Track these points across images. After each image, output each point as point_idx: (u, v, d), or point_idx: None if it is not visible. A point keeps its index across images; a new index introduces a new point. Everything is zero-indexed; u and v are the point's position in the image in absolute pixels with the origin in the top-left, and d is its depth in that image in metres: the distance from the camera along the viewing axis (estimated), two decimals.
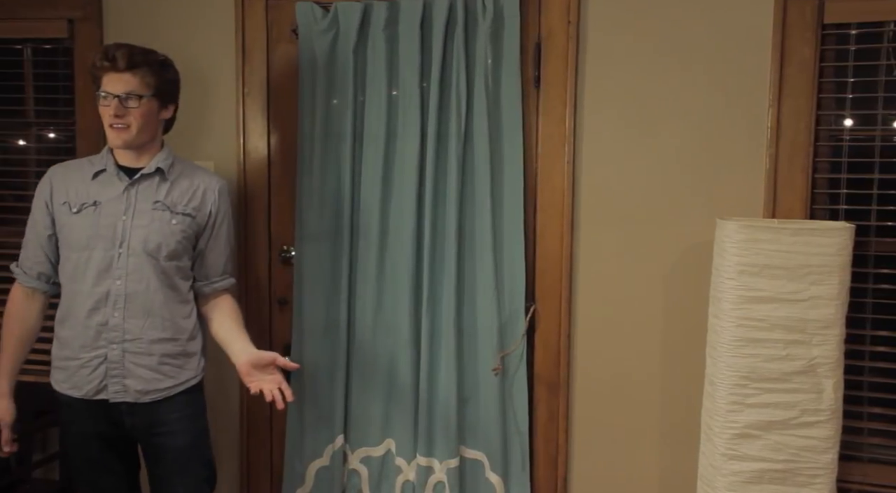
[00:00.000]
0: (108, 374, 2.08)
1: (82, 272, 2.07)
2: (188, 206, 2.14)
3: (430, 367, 2.49)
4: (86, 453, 2.15)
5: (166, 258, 2.09)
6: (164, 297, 2.10)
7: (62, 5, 2.75)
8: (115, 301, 2.06)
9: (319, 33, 2.50)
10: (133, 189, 2.10)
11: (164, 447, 2.15)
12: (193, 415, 2.20)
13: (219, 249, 2.21)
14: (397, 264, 2.51)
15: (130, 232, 2.06)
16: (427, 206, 2.46)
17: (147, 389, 2.10)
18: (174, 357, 2.13)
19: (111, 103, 2.03)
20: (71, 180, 2.12)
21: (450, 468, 2.48)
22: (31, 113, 2.94)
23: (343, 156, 2.51)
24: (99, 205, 2.07)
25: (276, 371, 2.04)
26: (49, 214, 2.13)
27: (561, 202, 2.46)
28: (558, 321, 2.50)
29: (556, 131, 2.45)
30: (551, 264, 2.49)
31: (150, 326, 2.09)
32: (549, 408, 2.53)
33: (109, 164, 2.11)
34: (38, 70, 2.89)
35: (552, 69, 2.43)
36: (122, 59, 2.01)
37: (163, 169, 2.12)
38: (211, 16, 2.65)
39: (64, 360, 2.11)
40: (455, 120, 2.43)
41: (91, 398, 2.09)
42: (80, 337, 2.08)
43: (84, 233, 2.06)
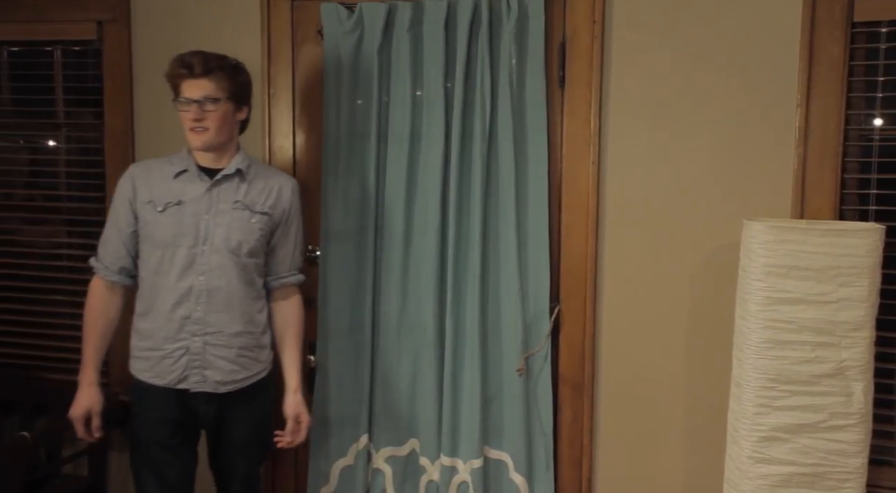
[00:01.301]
0: (189, 365, 2.18)
1: (167, 268, 2.16)
2: (265, 205, 2.24)
3: (454, 367, 2.49)
4: (157, 436, 2.24)
5: (246, 255, 2.20)
6: (243, 292, 2.21)
7: (91, 7, 2.79)
8: (198, 296, 2.16)
9: (344, 34, 2.50)
10: (215, 189, 2.20)
11: (230, 432, 2.29)
12: (261, 405, 2.32)
13: (289, 245, 2.32)
14: (422, 263, 2.51)
15: (213, 230, 2.16)
16: (451, 206, 2.46)
17: (225, 379, 2.21)
18: (250, 349, 2.24)
19: (190, 108, 2.13)
20: (153, 180, 2.21)
21: (474, 469, 2.48)
22: (60, 114, 2.97)
23: (368, 156, 2.52)
24: (183, 204, 2.17)
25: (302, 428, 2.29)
26: (132, 211, 2.22)
27: (586, 203, 2.45)
28: (583, 322, 2.49)
29: (580, 132, 2.44)
30: (576, 265, 2.48)
31: (229, 319, 2.19)
32: (574, 409, 2.52)
33: (191, 165, 2.21)
34: (68, 71, 2.93)
35: (577, 69, 2.42)
36: (198, 66, 2.11)
37: (242, 170, 2.22)
38: (237, 17, 2.67)
39: (146, 351, 2.21)
40: (479, 120, 2.42)
41: (173, 387, 2.19)
42: (163, 329, 2.17)
43: (169, 231, 2.16)
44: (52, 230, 3.02)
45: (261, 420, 2.33)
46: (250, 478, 2.36)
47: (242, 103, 2.24)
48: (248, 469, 2.34)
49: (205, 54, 2.15)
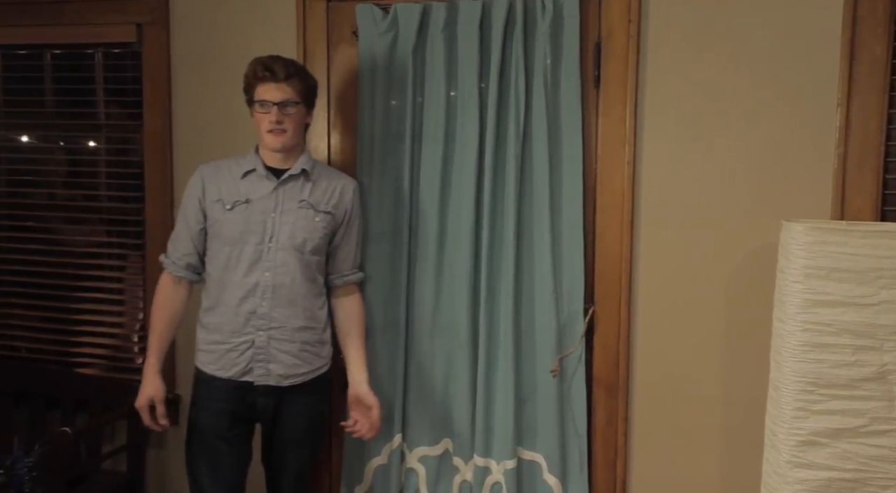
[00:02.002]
0: (254, 358, 2.25)
1: (234, 264, 2.23)
2: (328, 204, 2.31)
3: (487, 367, 2.49)
4: (215, 427, 2.30)
5: (310, 253, 2.27)
6: (306, 288, 2.27)
7: (131, 10, 2.83)
8: (264, 291, 2.23)
9: (379, 35, 2.51)
10: (281, 189, 2.27)
11: (285, 427, 2.34)
12: (318, 400, 2.39)
13: (350, 244, 2.38)
14: (455, 263, 2.51)
15: (279, 228, 2.23)
16: (485, 206, 2.46)
17: (287, 373, 2.27)
18: (312, 345, 2.31)
19: (271, 110, 2.20)
20: (221, 179, 2.28)
21: (507, 469, 2.47)
22: (101, 115, 3.02)
23: (402, 157, 2.53)
24: (250, 202, 2.24)
25: (371, 415, 2.29)
26: (201, 210, 2.29)
27: (620, 203, 2.44)
28: (617, 323, 2.47)
29: (615, 132, 2.42)
30: (611, 266, 2.47)
31: (293, 315, 2.25)
32: (608, 410, 2.50)
33: (258, 165, 2.27)
34: (108, 74, 2.98)
35: (612, 69, 2.41)
36: (280, 71, 2.19)
37: (307, 170, 2.30)
38: (273, 19, 2.70)
39: (212, 344, 2.28)
40: (514, 120, 2.42)
41: (237, 379, 2.26)
42: (230, 323, 2.24)
43: (237, 228, 2.23)
44: (92, 230, 3.08)
45: (316, 417, 2.38)
46: (301, 475, 2.40)
47: (311, 107, 2.33)
48: (299, 466, 2.39)
49: (283, 59, 2.23)
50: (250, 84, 2.24)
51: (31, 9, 2.92)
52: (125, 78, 2.94)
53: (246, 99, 2.28)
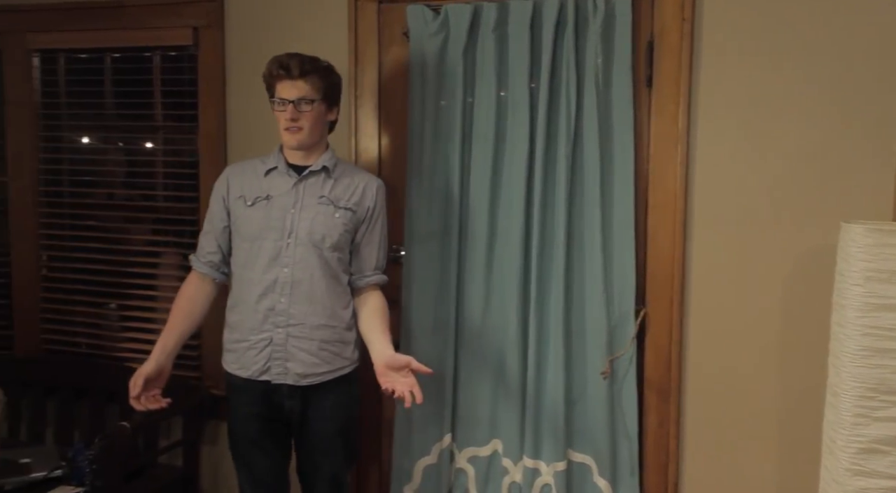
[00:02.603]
0: (272, 356, 2.24)
1: (254, 260, 2.24)
2: (349, 201, 2.28)
3: (537, 368, 2.48)
4: (246, 431, 2.31)
5: (329, 249, 2.24)
6: (326, 286, 2.25)
7: (187, 14, 2.88)
8: (283, 288, 2.22)
9: (430, 35, 2.52)
10: (301, 185, 2.26)
11: (315, 430, 2.30)
12: (346, 404, 2.35)
13: (373, 244, 2.35)
14: (505, 264, 2.50)
15: (298, 224, 2.22)
16: (536, 206, 2.45)
17: (306, 372, 2.25)
18: (332, 344, 2.27)
19: (286, 108, 2.20)
20: (245, 177, 2.31)
21: (557, 471, 2.46)
22: (158, 117, 3.09)
23: (452, 157, 2.53)
24: (271, 198, 2.25)
25: (409, 374, 2.11)
26: (225, 208, 2.32)
27: (673, 203, 2.40)
28: (669, 325, 2.44)
29: (668, 131, 2.39)
30: (663, 267, 2.44)
31: (312, 312, 2.23)
32: (660, 414, 2.47)
33: (280, 162, 2.28)
34: (165, 76, 3.04)
35: (665, 68, 2.37)
36: (295, 68, 2.18)
37: (328, 167, 2.28)
38: (325, 20, 2.72)
39: (234, 342, 2.29)
40: (564, 120, 2.40)
41: (256, 379, 2.25)
42: (249, 320, 2.25)
43: (257, 224, 2.24)
44: (149, 229, 3.14)
45: (345, 420, 2.34)
46: (336, 482, 2.36)
47: (333, 104, 2.30)
48: (333, 472, 2.34)
49: (301, 57, 2.22)
50: (268, 82, 2.24)
51: (93, 14, 2.99)
52: (181, 80, 2.99)
53: (268, 97, 2.28)
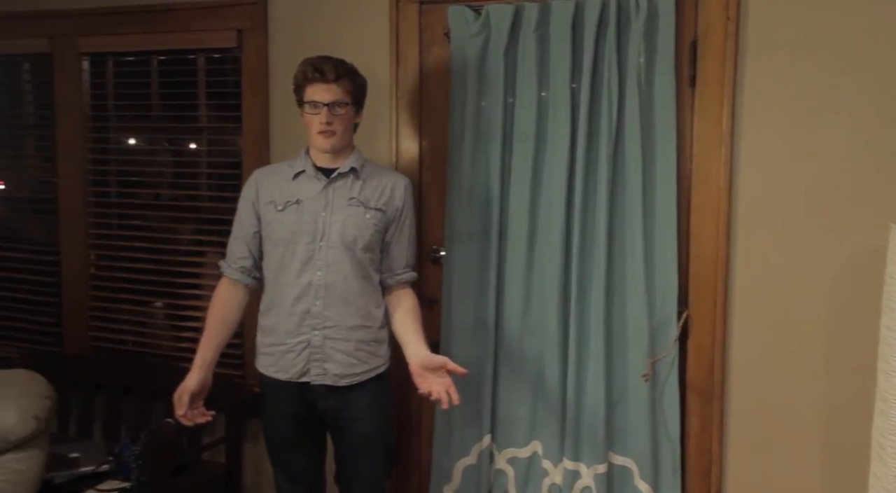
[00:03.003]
0: (310, 358, 2.25)
1: (287, 265, 2.25)
2: (379, 201, 2.29)
3: (577, 369, 2.47)
4: (282, 430, 2.34)
5: (361, 250, 2.25)
6: (359, 287, 2.25)
7: (231, 16, 2.92)
8: (317, 291, 2.23)
9: (471, 36, 2.52)
10: (331, 187, 2.27)
11: (351, 431, 2.31)
12: (380, 403, 2.34)
13: (403, 242, 2.35)
14: (545, 265, 2.50)
15: (329, 226, 2.23)
16: (576, 207, 2.43)
17: (344, 373, 2.25)
18: (367, 344, 2.28)
19: (321, 111, 2.20)
20: (274, 182, 2.31)
21: (597, 474, 2.45)
22: (203, 118, 3.13)
23: (492, 157, 2.53)
24: (301, 202, 2.25)
25: (445, 374, 2.12)
26: (255, 213, 2.32)
27: (717, 204, 2.37)
28: (712, 328, 2.41)
29: (712, 132, 2.36)
30: (706, 268, 2.41)
31: (346, 313, 2.24)
32: (702, 417, 2.45)
33: (308, 165, 2.29)
34: (210, 78, 3.08)
35: (709, 68, 2.35)
36: (330, 72, 2.19)
37: (356, 168, 2.29)
38: (367, 22, 2.74)
39: (270, 346, 2.30)
40: (606, 121, 2.39)
41: (295, 381, 2.26)
42: (285, 324, 2.26)
43: (288, 229, 2.24)
44: (194, 229, 3.19)
45: (381, 419, 2.34)
46: (375, 483, 2.35)
47: (360, 107, 2.32)
48: (372, 474, 2.34)
49: (333, 60, 2.22)
50: (300, 85, 2.24)
51: (140, 17, 3.05)
52: (225, 82, 3.03)
53: (296, 100, 2.28)
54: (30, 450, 2.49)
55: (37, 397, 2.56)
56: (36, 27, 3.23)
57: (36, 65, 3.35)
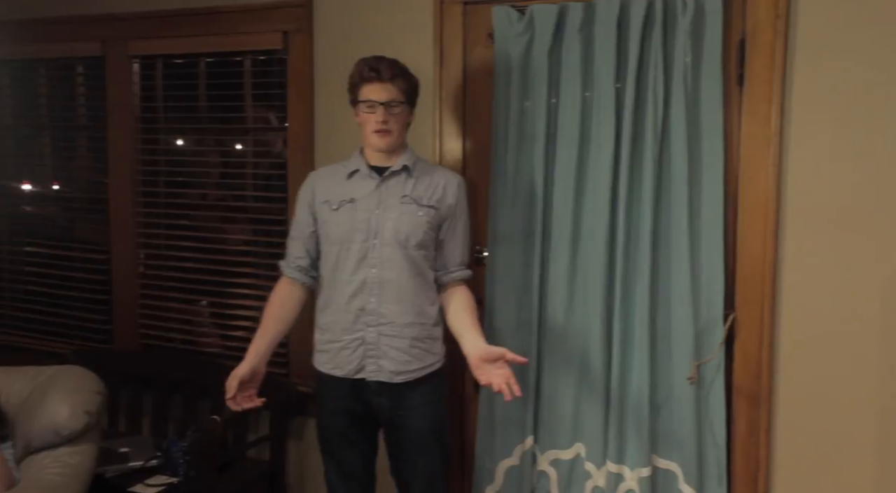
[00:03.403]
0: (365, 355, 2.28)
1: (343, 263, 2.28)
2: (431, 198, 2.30)
3: (621, 371, 2.45)
4: (336, 426, 2.37)
5: (415, 247, 2.26)
6: (414, 284, 2.27)
7: (278, 19, 2.96)
8: (372, 288, 2.26)
9: (515, 36, 2.51)
10: (383, 185, 2.29)
11: (406, 428, 2.33)
12: (434, 401, 2.36)
13: (456, 239, 2.36)
14: (589, 265, 2.48)
15: (383, 224, 2.25)
16: (621, 208, 2.42)
17: (399, 369, 2.27)
18: (422, 341, 2.30)
19: (377, 110, 2.23)
20: (329, 182, 2.35)
21: (641, 477, 2.42)
22: (249, 120, 3.18)
23: (536, 158, 2.52)
24: (355, 201, 2.28)
25: (504, 366, 2.12)
26: (311, 213, 2.37)
27: (765, 205, 2.33)
28: (760, 331, 2.37)
29: (760, 131, 2.32)
30: (753, 270, 2.37)
31: (401, 310, 2.26)
32: (750, 421, 2.41)
33: (362, 165, 2.32)
34: (256, 79, 3.12)
35: (757, 66, 2.31)
36: (386, 71, 2.22)
37: (409, 166, 2.31)
38: (411, 23, 2.75)
39: (327, 343, 2.34)
40: (651, 121, 2.36)
41: (351, 377, 2.29)
42: (340, 321, 2.29)
43: (343, 227, 2.28)
44: (240, 229, 3.24)
45: (436, 417, 2.36)
46: (432, 480, 2.37)
47: (413, 106, 2.34)
48: (428, 469, 2.35)
49: (388, 59, 2.26)
50: (356, 84, 2.26)
51: (189, 20, 3.10)
52: (271, 83, 3.07)
53: (350, 99, 2.31)
54: (82, 444, 2.55)
55: (88, 393, 2.62)
56: (89, 31, 3.30)
57: (89, 68, 3.43)
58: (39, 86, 3.57)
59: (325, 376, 2.35)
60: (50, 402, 2.55)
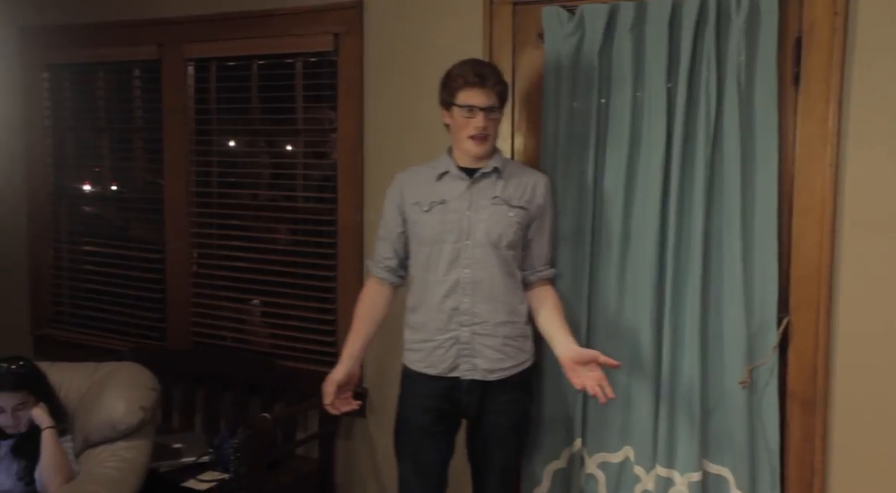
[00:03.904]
0: (459, 354, 2.30)
1: (435, 263, 2.30)
2: (521, 199, 2.32)
3: (671, 374, 2.42)
4: (421, 424, 2.37)
5: (506, 248, 2.28)
6: (505, 283, 2.29)
7: (329, 21, 2.98)
8: (464, 288, 2.28)
9: (565, 37, 2.50)
10: (474, 187, 2.31)
11: (488, 422, 2.35)
12: (521, 399, 2.39)
13: (543, 239, 2.39)
14: (639, 268, 2.45)
15: (475, 225, 2.27)
16: (672, 209, 2.39)
17: (493, 367, 2.30)
18: (514, 339, 2.32)
19: (477, 116, 2.22)
20: (418, 183, 2.37)
21: (692, 482, 2.39)
22: (299, 121, 3.21)
23: (586, 159, 2.50)
24: (446, 203, 2.30)
25: (597, 368, 2.15)
26: (400, 214, 2.39)
27: (821, 207, 2.29)
28: (815, 335, 2.32)
29: (816, 132, 2.27)
30: (808, 273, 2.32)
31: (494, 309, 2.28)
32: (804, 427, 2.36)
33: (451, 166, 2.33)
34: (306, 81, 3.14)
35: (814, 65, 2.26)
36: (489, 77, 2.23)
37: (499, 168, 2.32)
38: (461, 24, 2.75)
39: (419, 342, 2.36)
40: (703, 121, 2.33)
41: (444, 376, 2.31)
42: (434, 321, 2.31)
43: (434, 229, 2.30)
44: (289, 229, 3.27)
45: (520, 413, 2.39)
46: (506, 472, 2.41)
47: (503, 110, 2.34)
48: (504, 462, 2.39)
49: (489, 65, 2.30)
50: (455, 88, 2.24)
51: (243, 23, 3.15)
52: (321, 85, 3.10)
53: (442, 100, 2.30)
54: (137, 439, 2.61)
55: (143, 389, 2.68)
56: (146, 35, 3.38)
57: (145, 71, 3.50)
58: (98, 89, 3.67)
59: (415, 373, 2.37)
60: (107, 397, 2.62)
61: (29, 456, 2.54)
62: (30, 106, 3.73)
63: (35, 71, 3.70)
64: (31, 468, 2.53)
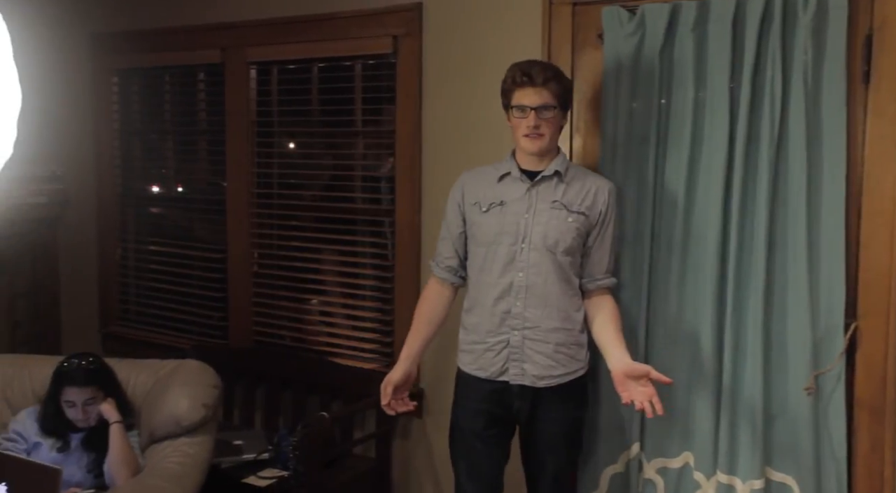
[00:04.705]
0: (509, 357, 2.29)
1: (490, 265, 2.29)
2: (582, 205, 2.28)
3: (733, 379, 2.37)
4: (474, 427, 2.37)
5: (563, 253, 2.25)
6: (560, 289, 2.26)
7: (389, 23, 3.00)
8: (518, 291, 2.26)
9: (625, 37, 2.47)
10: (534, 190, 2.29)
11: (542, 431, 2.33)
12: (575, 407, 2.36)
13: (604, 247, 2.34)
14: (700, 271, 2.41)
15: (532, 229, 2.25)
16: (734, 212, 2.34)
17: (542, 374, 2.27)
18: (567, 346, 2.29)
19: (528, 115, 2.22)
20: (479, 184, 2.37)
21: (754, 489, 2.34)
22: (358, 123, 3.24)
23: (646, 160, 2.47)
24: (504, 204, 2.29)
25: (648, 383, 2.10)
26: (461, 214, 2.39)
27: (891, 210, 2.22)
28: (885, 341, 2.26)
29: (888, 132, 2.20)
30: (877, 278, 2.26)
31: (546, 315, 2.26)
32: (873, 436, 2.29)
33: (513, 168, 2.32)
34: (365, 83, 3.17)
35: (886, 63, 2.19)
36: (538, 76, 2.21)
37: (560, 172, 2.29)
38: (519, 25, 2.74)
39: (471, 344, 2.36)
40: (767, 122, 2.28)
41: (494, 379, 2.30)
42: (486, 323, 2.31)
43: (492, 230, 2.29)
44: (347, 229, 3.30)
45: (573, 422, 2.36)
46: (559, 479, 2.38)
47: (567, 109, 2.33)
48: (557, 469, 2.36)
49: (542, 63, 2.26)
50: (508, 89, 2.26)
51: (303, 27, 3.19)
52: (380, 87, 3.12)
53: (503, 103, 2.30)
54: (199, 436, 2.66)
55: (206, 387, 2.74)
56: (210, 39, 3.45)
57: (209, 74, 3.58)
58: (164, 92, 3.76)
59: (467, 376, 2.37)
60: (172, 394, 2.68)
61: (98, 449, 2.61)
62: (100, 110, 3.84)
63: (105, 75, 3.81)
64: (100, 460, 2.61)
